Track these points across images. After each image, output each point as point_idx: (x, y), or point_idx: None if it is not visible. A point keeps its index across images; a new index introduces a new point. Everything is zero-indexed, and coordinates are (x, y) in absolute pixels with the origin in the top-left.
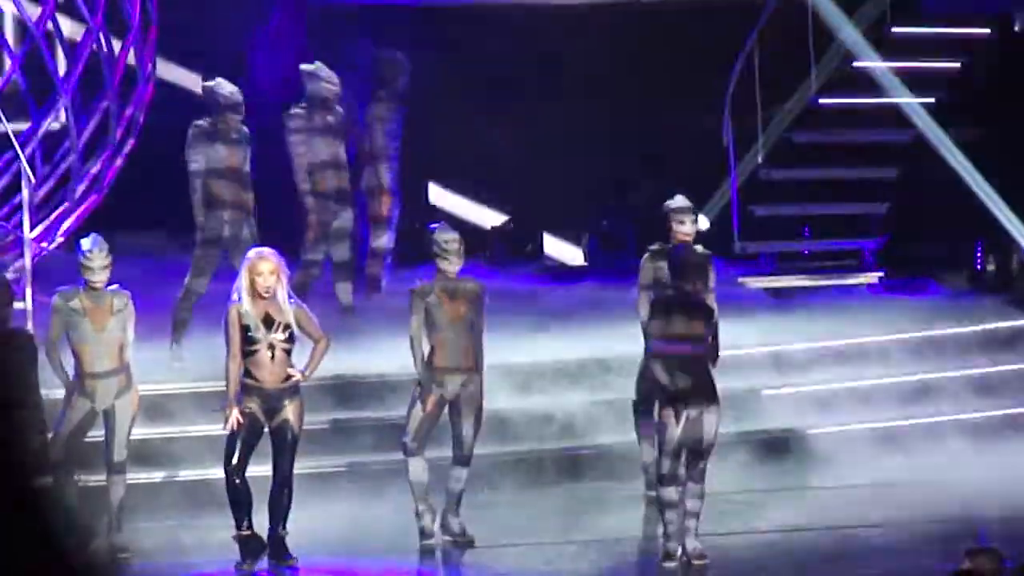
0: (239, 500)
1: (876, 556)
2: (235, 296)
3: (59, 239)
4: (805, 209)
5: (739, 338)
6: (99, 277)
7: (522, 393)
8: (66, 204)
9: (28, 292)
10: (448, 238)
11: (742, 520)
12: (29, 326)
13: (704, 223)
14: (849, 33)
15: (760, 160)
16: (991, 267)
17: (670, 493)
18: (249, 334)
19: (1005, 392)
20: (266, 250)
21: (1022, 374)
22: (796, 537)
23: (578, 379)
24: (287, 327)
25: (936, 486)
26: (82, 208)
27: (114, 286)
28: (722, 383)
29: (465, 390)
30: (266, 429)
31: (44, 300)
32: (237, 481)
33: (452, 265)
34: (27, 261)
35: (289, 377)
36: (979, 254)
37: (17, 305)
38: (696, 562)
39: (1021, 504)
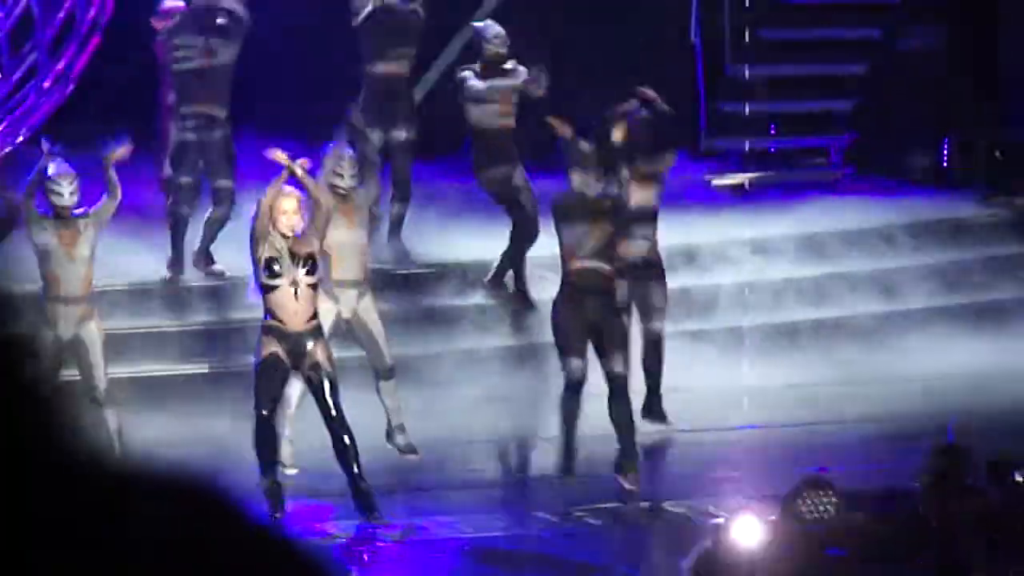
0: (266, 446)
1: (844, 453)
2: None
3: (24, 134)
4: (772, 106)
5: (708, 233)
6: (69, 202)
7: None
8: (31, 98)
9: None
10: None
11: (715, 416)
12: None
13: None
14: None
15: (727, 57)
16: (957, 163)
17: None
18: (273, 267)
19: (968, 284)
20: (287, 187)
21: (983, 265)
22: (766, 434)
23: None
24: (311, 258)
25: (905, 381)
26: (49, 103)
27: (80, 209)
28: (686, 278)
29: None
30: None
31: (8, 196)
32: (267, 430)
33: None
34: None
35: (314, 317)
36: (945, 150)
37: None
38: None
39: (992, 398)
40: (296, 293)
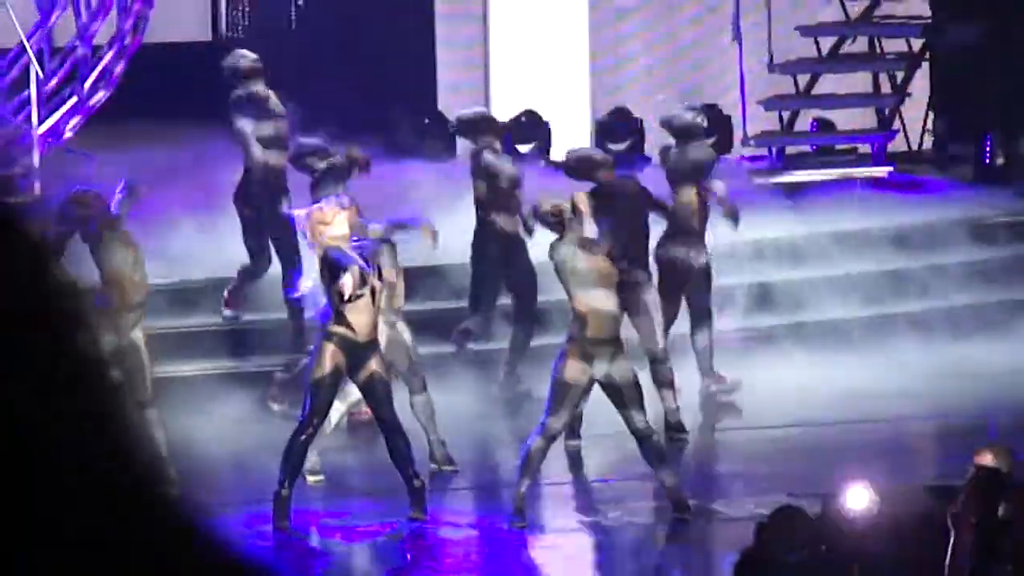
0: (296, 457)
1: (890, 450)
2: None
3: (68, 134)
4: (813, 105)
5: (750, 231)
6: (124, 224)
7: None
8: (75, 99)
9: (36, 189)
10: None
11: (747, 415)
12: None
13: None
14: None
15: (768, 55)
16: (1000, 160)
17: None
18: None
19: (1011, 282)
20: (329, 201)
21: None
22: (801, 432)
23: None
24: (379, 268)
25: (944, 379)
26: (91, 103)
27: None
28: (731, 277)
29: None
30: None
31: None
32: (304, 439)
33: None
34: (35, 157)
35: (377, 327)
36: (988, 147)
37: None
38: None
39: None
40: (374, 299)
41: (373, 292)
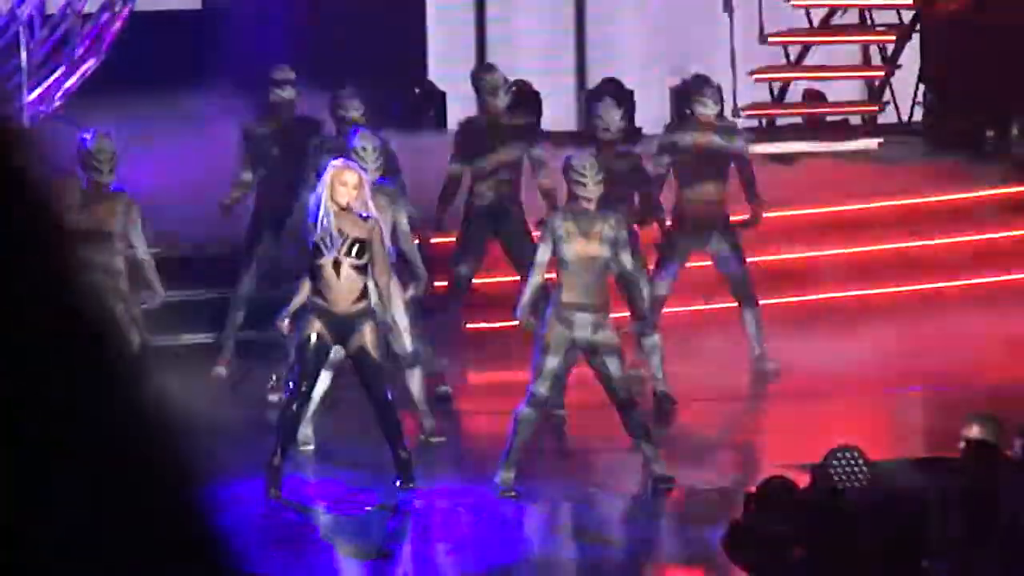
0: (287, 428)
1: (877, 425)
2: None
3: (57, 102)
4: (804, 76)
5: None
6: (107, 179)
7: None
8: (64, 67)
9: None
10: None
11: (735, 387)
12: None
13: None
14: None
15: (759, 26)
16: (991, 134)
17: None
18: (318, 246)
19: (998, 256)
20: (352, 164)
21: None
22: (792, 404)
23: None
24: (358, 243)
25: (932, 354)
26: (80, 71)
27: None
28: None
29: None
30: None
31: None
32: (295, 407)
33: (590, 193)
34: (25, 124)
35: (361, 300)
36: (977, 120)
37: None
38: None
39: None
40: (338, 272)
41: (337, 263)
